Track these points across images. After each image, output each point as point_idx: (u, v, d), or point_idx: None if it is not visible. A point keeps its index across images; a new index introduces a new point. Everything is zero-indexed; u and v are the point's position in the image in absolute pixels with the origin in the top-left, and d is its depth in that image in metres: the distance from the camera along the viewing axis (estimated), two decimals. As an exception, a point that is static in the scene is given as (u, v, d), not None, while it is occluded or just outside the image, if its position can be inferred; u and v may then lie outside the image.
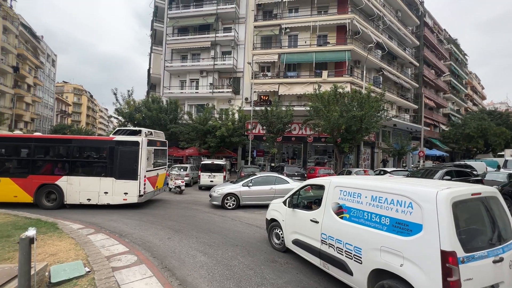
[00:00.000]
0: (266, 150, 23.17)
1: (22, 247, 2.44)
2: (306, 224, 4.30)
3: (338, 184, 3.95)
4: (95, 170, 9.23)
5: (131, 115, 20.90)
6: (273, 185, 9.62)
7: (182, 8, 25.69)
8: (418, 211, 2.81)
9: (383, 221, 3.14)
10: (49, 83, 53.93)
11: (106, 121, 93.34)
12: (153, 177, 9.85)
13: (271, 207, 5.74)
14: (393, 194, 3.12)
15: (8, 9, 36.93)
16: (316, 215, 4.12)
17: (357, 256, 3.33)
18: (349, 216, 3.59)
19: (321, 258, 3.94)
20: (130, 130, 9.89)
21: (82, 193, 8.95)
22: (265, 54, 23.23)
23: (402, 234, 2.91)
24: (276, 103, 19.71)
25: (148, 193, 9.39)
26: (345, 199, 3.71)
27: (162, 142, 11.03)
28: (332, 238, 3.73)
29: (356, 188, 3.62)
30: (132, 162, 8.90)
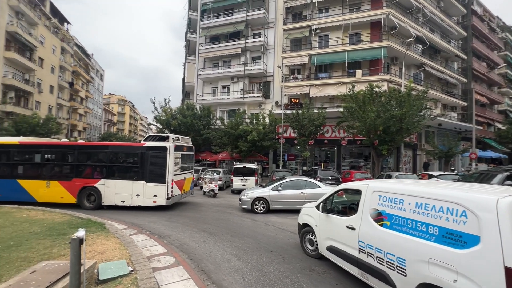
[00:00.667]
0: (297, 154, 22.76)
1: (73, 247, 2.64)
2: (342, 230, 4.09)
3: (377, 189, 3.68)
4: (128, 174, 9.77)
5: (168, 122, 22.11)
6: (303, 189, 9.35)
7: (214, 18, 26.68)
8: (474, 221, 2.51)
9: (431, 230, 2.86)
10: (98, 95, 59.77)
11: (146, 129, 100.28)
12: (180, 181, 10.24)
13: (303, 211, 5.58)
14: (442, 201, 2.83)
15: (65, 32, 41.96)
16: (353, 222, 3.91)
17: (400, 268, 3.06)
18: (390, 224, 3.34)
19: (359, 268, 3.71)
20: (159, 136, 10.25)
21: (117, 195, 9.56)
22: (295, 57, 22.99)
23: (454, 246, 2.62)
24: (308, 105, 19.29)
25: (176, 196, 9.76)
26: (385, 205, 3.45)
27: (189, 147, 11.38)
28: (371, 247, 3.48)
29: (398, 194, 3.34)
30: (161, 166, 9.31)
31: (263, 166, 24.37)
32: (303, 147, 19.10)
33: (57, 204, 9.37)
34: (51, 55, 36.37)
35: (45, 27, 34.91)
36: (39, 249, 4.22)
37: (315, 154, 23.77)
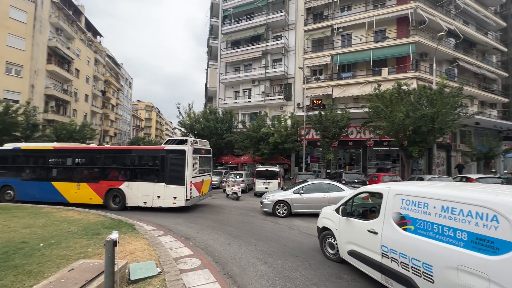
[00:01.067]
0: (320, 156, 22.26)
1: (107, 248, 2.76)
2: (363, 234, 3.99)
3: (399, 192, 3.59)
4: (149, 176, 10.13)
5: (191, 126, 22.75)
6: (326, 192, 9.11)
7: (234, 23, 27.13)
8: (506, 226, 2.40)
9: (459, 235, 2.75)
10: (127, 102, 63.26)
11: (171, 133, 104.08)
12: (199, 183, 10.43)
13: (322, 214, 5.52)
14: (470, 204, 2.71)
15: (98, 44, 45.05)
16: (374, 226, 3.80)
17: (427, 274, 2.95)
18: (414, 228, 3.24)
19: (382, 273, 3.60)
20: (178, 140, 10.55)
21: (140, 197, 9.93)
22: (317, 58, 22.60)
23: (486, 252, 2.52)
24: (331, 106, 18.83)
25: (194, 198, 9.95)
26: (409, 209, 3.36)
27: (207, 150, 11.59)
28: (395, 252, 3.38)
29: (422, 197, 3.24)
30: (180, 168, 9.54)
31: (286, 168, 24.13)
32: (326, 149, 18.63)
33: (86, 205, 10.00)
34: (86, 66, 39.20)
35: (80, 40, 37.74)
36: (76, 247, 4.49)
37: (339, 156, 23.08)
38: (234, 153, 22.76)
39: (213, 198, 13.80)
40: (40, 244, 4.55)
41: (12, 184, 11.03)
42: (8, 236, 5.02)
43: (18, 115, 22.69)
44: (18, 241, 4.69)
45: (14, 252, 4.11)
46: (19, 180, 10.99)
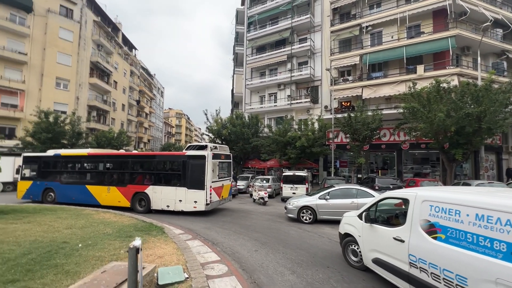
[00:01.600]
0: (351, 160, 21.30)
1: (130, 256, 2.73)
2: (389, 242, 3.82)
3: (427, 198, 3.41)
4: (172, 180, 10.37)
5: (219, 131, 23.21)
6: (354, 198, 8.57)
7: (259, 29, 27.39)
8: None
9: (497, 246, 2.58)
10: (159, 110, 66.81)
11: (200, 139, 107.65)
12: (219, 188, 10.51)
13: (344, 220, 5.37)
14: (508, 213, 2.53)
15: (133, 57, 48.39)
16: (401, 233, 3.63)
17: (461, 287, 2.79)
18: (445, 237, 3.06)
19: (410, 283, 3.42)
20: (198, 146, 10.73)
21: (163, 201, 10.22)
22: (345, 58, 21.85)
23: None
24: (361, 108, 17.97)
25: (214, 202, 10.04)
26: (438, 216, 3.18)
27: (227, 155, 11.71)
28: (424, 262, 3.20)
29: (453, 204, 3.06)
30: (200, 173, 9.70)
31: (313, 173, 23.48)
32: (357, 152, 17.77)
33: (116, 208, 10.58)
34: (123, 78, 42.26)
35: (118, 54, 40.87)
36: (110, 249, 4.69)
37: (371, 160, 21.87)
38: (261, 157, 22.70)
39: (240, 203, 13.81)
40: (79, 245, 4.84)
41: (53, 187, 12.01)
42: (52, 236, 5.43)
43: (65, 125, 25.04)
44: (60, 241, 5.04)
45: (56, 251, 4.40)
46: (59, 183, 11.96)
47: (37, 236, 5.38)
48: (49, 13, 29.04)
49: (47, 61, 28.64)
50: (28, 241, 5.02)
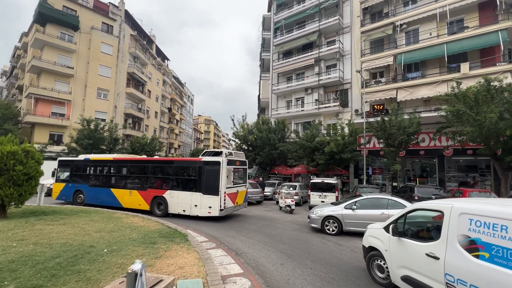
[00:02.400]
0: (385, 167, 19.91)
1: (128, 282, 2.41)
2: (420, 259, 3.48)
3: (466, 211, 3.08)
4: (188, 186, 10.49)
5: (245, 137, 23.22)
6: (385, 209, 7.80)
7: (286, 34, 27.19)
8: None
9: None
10: (189, 117, 69.42)
11: (228, 144, 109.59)
12: (233, 194, 10.47)
13: (368, 232, 5.03)
14: None
15: (165, 67, 51.05)
16: (435, 249, 3.29)
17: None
18: (489, 256, 2.72)
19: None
20: (214, 152, 10.70)
21: (180, 205, 10.36)
22: (377, 59, 20.67)
23: None
24: (396, 111, 16.73)
25: (228, 208, 10.04)
26: (480, 232, 2.85)
27: (242, 161, 11.66)
28: (465, 283, 2.84)
29: (498, 218, 2.70)
30: (215, 179, 9.75)
31: (343, 181, 22.36)
32: (391, 159, 16.49)
33: (139, 211, 10.89)
34: (156, 87, 44.67)
35: (152, 65, 43.39)
36: (133, 256, 4.66)
37: (407, 167, 20.22)
38: (287, 163, 22.19)
39: (266, 210, 13.46)
40: (104, 250, 4.89)
41: (82, 189, 12.72)
42: (81, 239, 5.60)
43: (104, 131, 26.93)
44: (87, 245, 5.16)
45: (82, 256, 4.47)
46: (87, 186, 12.65)
47: (68, 239, 5.59)
48: (92, 30, 31.82)
49: (90, 74, 31.28)
50: (59, 243, 5.22)
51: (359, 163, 21.33)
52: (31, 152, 8.05)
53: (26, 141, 8.31)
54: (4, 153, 7.29)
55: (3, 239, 5.36)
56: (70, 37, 30.24)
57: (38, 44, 28.51)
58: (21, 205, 8.07)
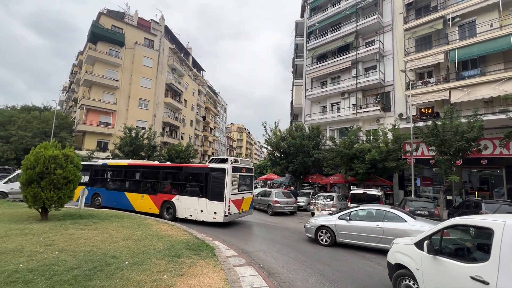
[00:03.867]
0: (435, 178, 17.56)
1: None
2: (464, 282, 3.01)
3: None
4: (195, 191, 10.69)
5: (277, 144, 22.49)
6: (380, 222, 7.38)
7: (320, 37, 26.22)
8: None
9: None
10: (222, 125, 71.02)
11: (260, 152, 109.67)
12: (238, 200, 10.60)
13: (395, 248, 4.50)
14: None
15: (201, 78, 53.10)
16: (483, 272, 2.85)
17: None
18: None
19: None
20: (220, 159, 10.87)
21: (187, 210, 10.59)
22: (424, 57, 18.62)
23: None
24: (450, 114, 14.62)
25: (233, 215, 10.20)
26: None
27: (248, 168, 11.70)
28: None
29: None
30: (220, 185, 9.96)
31: (386, 192, 20.23)
32: (447, 168, 14.34)
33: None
34: (192, 96, 46.53)
35: (188, 76, 45.42)
36: (153, 272, 4.22)
37: (464, 178, 17.56)
38: (323, 172, 20.84)
39: (300, 222, 12.46)
40: (125, 262, 4.56)
41: (100, 192, 13.40)
42: (106, 248, 5.38)
43: (144, 139, 28.40)
44: (110, 255, 4.88)
45: (101, 269, 4.17)
46: (104, 189, 13.29)
47: (94, 246, 5.41)
48: (136, 45, 34.36)
49: (133, 85, 33.63)
50: (84, 251, 5.04)
51: (404, 173, 19.18)
52: (71, 156, 8.37)
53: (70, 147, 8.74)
54: (47, 157, 7.65)
55: (34, 243, 5.38)
56: (116, 53, 32.98)
57: (90, 60, 31.56)
58: (61, 208, 8.37)
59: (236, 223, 11.18)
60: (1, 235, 5.86)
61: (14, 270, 3.81)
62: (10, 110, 30.80)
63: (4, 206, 10.42)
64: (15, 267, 3.94)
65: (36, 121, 27.45)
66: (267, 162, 39.16)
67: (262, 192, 16.93)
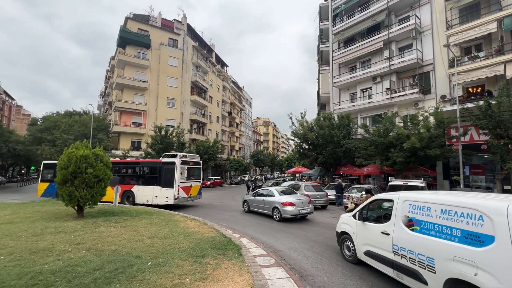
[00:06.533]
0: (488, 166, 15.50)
1: None
2: (377, 236, 4.61)
3: (407, 199, 4.24)
4: (151, 181, 13.22)
5: (305, 135, 21.60)
6: (266, 197, 11.46)
7: (347, 19, 24.46)
8: (489, 224, 2.99)
9: (454, 233, 3.33)
10: (248, 120, 70.99)
11: (287, 145, 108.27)
12: (187, 187, 13.45)
13: (341, 220, 6.04)
14: (462, 207, 3.31)
15: (225, 74, 53.27)
16: (387, 228, 4.43)
17: (430, 266, 3.50)
18: (419, 228, 3.83)
19: (394, 269, 4.19)
20: (171, 155, 13.89)
21: (144, 197, 13.17)
22: (471, 28, 16.32)
23: (474, 245, 3.09)
24: (506, 91, 12.59)
25: (182, 198, 13.00)
26: (415, 213, 3.97)
27: (196, 162, 14.67)
28: (404, 249, 3.97)
29: (425, 202, 3.86)
30: (171, 176, 12.61)
31: (428, 183, 18.40)
32: (503, 154, 12.49)
33: (202, 215, 10.41)
34: (217, 93, 46.92)
35: (212, 72, 45.78)
36: (175, 274, 3.96)
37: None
38: (355, 162, 19.57)
39: (333, 217, 11.70)
40: (148, 263, 4.38)
41: None
42: (132, 247, 5.30)
43: (173, 137, 29.24)
44: (134, 255, 4.76)
45: (123, 271, 4.01)
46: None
47: (120, 246, 5.36)
48: (161, 46, 35.28)
49: (160, 85, 34.70)
50: (109, 251, 4.99)
51: (449, 161, 17.23)
52: (101, 155, 8.59)
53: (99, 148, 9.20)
54: (78, 157, 7.90)
55: (64, 241, 5.49)
56: (144, 55, 34.18)
57: (121, 64, 33.10)
58: (95, 206, 8.66)
59: (261, 218, 10.81)
60: (37, 233, 6.13)
61: (38, 272, 3.81)
62: (55, 116, 33.66)
63: (49, 204, 11.22)
64: (40, 268, 3.96)
65: (77, 125, 29.63)
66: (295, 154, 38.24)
67: (291, 186, 16.35)
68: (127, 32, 32.92)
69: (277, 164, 71.38)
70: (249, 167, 59.53)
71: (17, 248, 5.04)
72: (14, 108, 59.80)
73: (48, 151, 27.54)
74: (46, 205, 11.26)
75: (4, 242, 5.51)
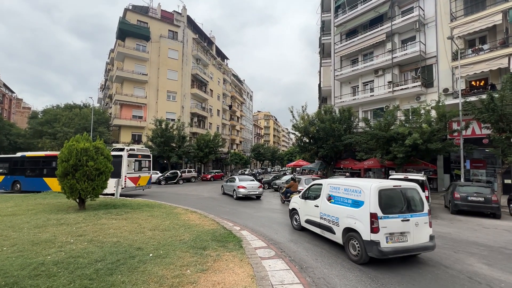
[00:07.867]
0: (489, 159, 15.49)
1: None
2: (312, 208, 6.82)
3: (329, 183, 6.43)
4: None
5: (305, 129, 21.54)
6: (231, 182, 15.68)
7: (349, 10, 24.07)
8: (363, 195, 5.17)
9: (348, 201, 5.52)
10: (249, 113, 70.75)
11: (287, 139, 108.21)
12: (135, 178, 14.85)
13: (292, 200, 8.21)
14: (353, 186, 5.49)
15: (225, 67, 52.82)
16: (318, 202, 6.60)
17: (336, 223, 5.72)
18: (334, 201, 6.00)
19: (320, 228, 6.42)
20: (119, 148, 14.97)
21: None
22: (475, 20, 16.08)
23: (356, 207, 5.27)
24: (510, 84, 12.46)
25: (129, 187, 14.35)
26: (332, 191, 6.14)
27: (144, 155, 16.24)
28: (325, 215, 6.19)
29: (338, 184, 6.05)
30: (118, 167, 13.31)
31: (429, 177, 18.42)
32: (505, 148, 12.45)
33: (203, 208, 10.46)
34: (217, 86, 46.62)
35: (213, 65, 45.37)
36: (176, 266, 4.00)
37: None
38: (356, 156, 19.57)
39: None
40: (149, 255, 4.41)
41: (20, 179, 16.06)
42: (133, 239, 5.34)
43: (173, 130, 29.19)
44: (136, 247, 4.80)
45: (124, 262, 4.05)
46: (23, 177, 15.98)
47: (121, 237, 5.41)
48: (161, 38, 34.87)
49: (160, 78, 34.46)
50: (111, 242, 5.04)
51: (450, 155, 17.23)
52: (101, 148, 8.59)
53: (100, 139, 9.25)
54: (78, 149, 7.91)
55: (66, 233, 5.54)
56: (143, 47, 33.83)
57: (120, 56, 32.80)
58: (96, 198, 8.72)
59: (259, 209, 10.87)
60: (39, 225, 6.19)
61: (41, 263, 3.86)
62: (55, 109, 33.58)
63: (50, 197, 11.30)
64: (43, 259, 4.00)
65: (77, 118, 29.59)
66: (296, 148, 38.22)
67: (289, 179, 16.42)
68: (126, 24, 32.50)
69: (277, 157, 71.49)
70: (249, 160, 59.65)
71: (20, 240, 5.09)
72: (14, 101, 59.65)
73: (49, 144, 27.60)
74: (48, 197, 11.35)
75: (6, 233, 5.57)
